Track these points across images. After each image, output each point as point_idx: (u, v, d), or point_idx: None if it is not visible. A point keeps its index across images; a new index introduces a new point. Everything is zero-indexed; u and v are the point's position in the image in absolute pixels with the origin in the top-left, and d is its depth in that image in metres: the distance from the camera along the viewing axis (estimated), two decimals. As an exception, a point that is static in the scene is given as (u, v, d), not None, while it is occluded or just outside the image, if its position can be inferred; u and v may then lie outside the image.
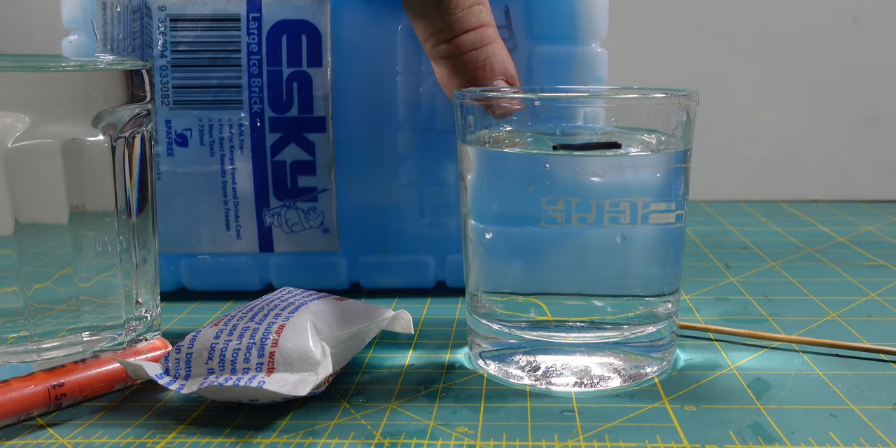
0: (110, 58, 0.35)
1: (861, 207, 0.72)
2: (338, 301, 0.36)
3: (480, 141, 0.35)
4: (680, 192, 0.34)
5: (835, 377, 0.35)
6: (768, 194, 0.78)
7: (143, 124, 0.37)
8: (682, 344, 0.39)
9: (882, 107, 0.78)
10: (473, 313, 0.36)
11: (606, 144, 0.33)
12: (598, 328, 0.34)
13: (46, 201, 0.34)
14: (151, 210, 0.38)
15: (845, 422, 0.31)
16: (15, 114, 0.33)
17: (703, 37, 0.77)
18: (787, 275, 0.51)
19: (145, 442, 0.30)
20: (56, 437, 0.30)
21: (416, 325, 0.41)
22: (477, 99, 0.35)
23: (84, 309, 0.35)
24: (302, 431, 0.31)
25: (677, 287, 0.36)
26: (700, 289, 0.48)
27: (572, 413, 0.32)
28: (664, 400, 0.33)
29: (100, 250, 0.35)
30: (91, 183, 0.35)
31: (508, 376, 0.35)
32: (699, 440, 0.30)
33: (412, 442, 0.30)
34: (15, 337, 0.34)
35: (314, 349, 0.32)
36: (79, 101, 0.34)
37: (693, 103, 0.34)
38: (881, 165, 0.78)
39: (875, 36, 0.76)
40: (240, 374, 0.31)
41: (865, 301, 0.46)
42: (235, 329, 0.33)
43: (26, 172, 0.33)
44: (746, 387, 0.34)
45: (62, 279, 0.35)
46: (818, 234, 0.62)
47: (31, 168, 0.33)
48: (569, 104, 0.35)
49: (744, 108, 0.78)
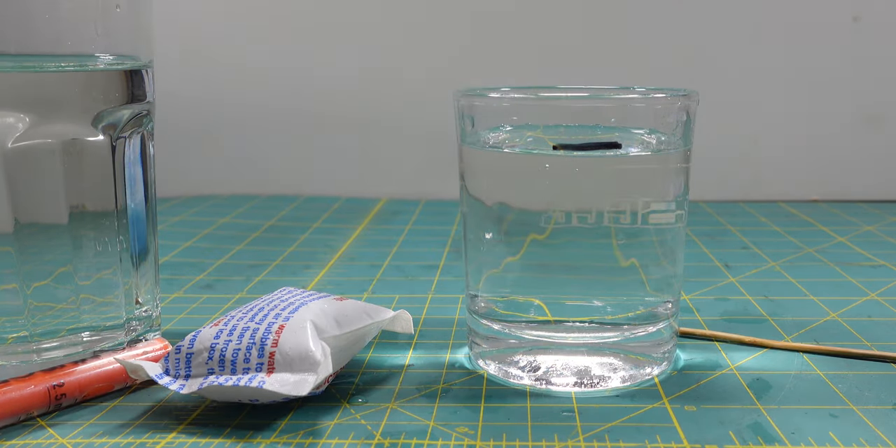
0: (110, 58, 0.35)
1: (861, 207, 0.72)
2: (338, 301, 0.36)
3: (480, 142, 0.35)
4: (680, 192, 0.34)
5: (835, 377, 0.35)
6: (768, 194, 0.78)
7: (143, 124, 0.37)
8: (682, 344, 0.39)
9: (882, 107, 0.78)
10: (473, 313, 0.36)
11: (606, 144, 0.33)
12: (598, 328, 0.34)
13: (46, 201, 0.34)
14: (151, 210, 0.38)
15: (845, 422, 0.31)
16: (15, 114, 0.33)
17: (703, 37, 0.77)
18: (787, 275, 0.51)
19: (145, 442, 0.30)
20: (56, 437, 0.30)
21: (416, 325, 0.41)
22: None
23: (84, 308, 0.35)
24: (302, 431, 0.31)
25: (677, 287, 0.36)
26: (700, 289, 0.48)
27: (572, 413, 0.32)
28: (664, 400, 0.33)
29: (99, 250, 0.35)
30: (91, 183, 0.35)
31: (508, 376, 0.35)
32: (699, 440, 0.30)
33: (412, 442, 0.30)
34: (15, 337, 0.34)
35: (314, 349, 0.32)
36: (79, 101, 0.34)
37: (693, 103, 0.34)
38: (881, 165, 0.78)
39: (875, 36, 0.76)
40: (240, 374, 0.31)
41: (865, 301, 0.46)
42: (235, 329, 0.33)
43: (26, 172, 0.33)
44: (746, 387, 0.34)
45: (62, 277, 0.35)
46: (818, 234, 0.62)
47: (31, 168, 0.33)
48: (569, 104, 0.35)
49: (744, 108, 0.78)
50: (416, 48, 0.79)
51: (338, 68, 0.80)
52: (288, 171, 0.81)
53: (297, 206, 0.74)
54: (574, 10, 0.77)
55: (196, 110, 0.80)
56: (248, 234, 0.63)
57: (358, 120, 0.81)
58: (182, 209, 0.71)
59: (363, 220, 0.68)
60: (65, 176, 0.34)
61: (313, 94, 0.80)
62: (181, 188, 0.79)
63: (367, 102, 0.80)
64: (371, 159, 0.81)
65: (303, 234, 0.63)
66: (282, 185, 0.80)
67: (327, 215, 0.70)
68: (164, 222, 0.65)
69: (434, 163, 0.74)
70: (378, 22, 0.79)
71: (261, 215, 0.70)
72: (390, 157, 0.81)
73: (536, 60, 0.78)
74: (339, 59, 0.79)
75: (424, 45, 0.79)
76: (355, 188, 0.80)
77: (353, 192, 0.80)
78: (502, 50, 0.78)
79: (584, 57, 0.78)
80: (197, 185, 0.80)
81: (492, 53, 0.78)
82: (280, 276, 0.52)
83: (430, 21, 0.79)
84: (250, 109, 0.81)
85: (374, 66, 0.79)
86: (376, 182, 0.80)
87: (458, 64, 0.79)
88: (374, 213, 0.71)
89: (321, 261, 0.55)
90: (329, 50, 0.79)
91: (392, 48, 0.79)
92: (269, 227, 0.66)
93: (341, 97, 0.80)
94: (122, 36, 0.35)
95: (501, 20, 0.78)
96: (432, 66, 0.79)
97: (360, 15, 0.79)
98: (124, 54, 0.35)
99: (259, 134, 0.82)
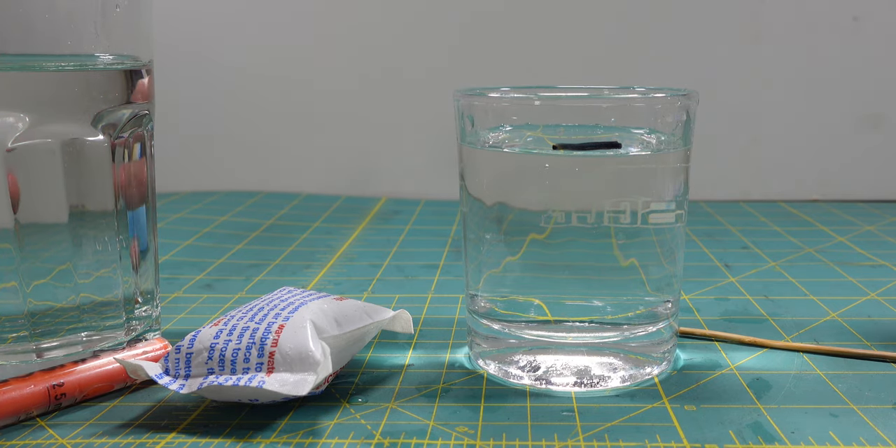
0: (110, 58, 0.35)
1: (861, 207, 0.72)
2: (338, 301, 0.36)
3: (480, 141, 0.35)
4: (680, 192, 0.34)
5: (835, 377, 0.35)
6: (768, 194, 0.78)
7: (143, 124, 0.37)
8: (682, 344, 0.39)
9: (882, 107, 0.78)
10: (473, 313, 0.36)
11: (606, 144, 0.33)
12: (598, 328, 0.34)
13: (46, 201, 0.34)
14: (151, 210, 0.38)
15: (845, 421, 0.31)
16: (15, 114, 0.33)
17: (703, 37, 0.77)
18: (787, 275, 0.51)
19: (145, 442, 0.30)
20: (56, 437, 0.30)
21: (416, 325, 0.41)
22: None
23: (84, 307, 0.35)
24: (302, 431, 0.31)
25: (677, 287, 0.36)
26: (700, 289, 0.48)
27: (572, 413, 0.32)
28: (664, 400, 0.33)
29: (99, 249, 0.35)
30: (91, 183, 0.35)
31: (508, 376, 0.35)
32: (699, 440, 0.30)
33: (412, 442, 0.30)
34: (15, 337, 0.34)
35: (314, 349, 0.32)
36: (79, 101, 0.34)
37: (693, 103, 0.34)
38: (881, 165, 0.78)
39: (875, 36, 0.76)
40: (240, 374, 0.31)
41: (865, 301, 0.46)
42: (235, 329, 0.33)
43: (26, 172, 0.33)
44: (746, 387, 0.34)
45: (61, 276, 0.35)
46: (818, 233, 0.62)
47: (31, 168, 0.33)
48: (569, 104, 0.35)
49: (744, 108, 0.78)
50: (416, 48, 0.79)
51: (338, 67, 0.80)
52: (288, 170, 0.81)
53: (296, 204, 0.74)
54: (574, 10, 0.77)
55: (196, 110, 0.80)
56: (248, 233, 0.63)
57: (358, 120, 0.81)
58: (182, 206, 0.71)
59: (363, 219, 0.68)
60: (65, 176, 0.34)
61: (314, 93, 0.80)
62: (181, 186, 0.79)
63: (367, 102, 0.80)
64: (371, 159, 0.81)
65: (303, 234, 0.63)
66: (282, 184, 0.80)
67: (327, 215, 0.70)
68: (163, 219, 0.65)
69: (434, 163, 0.74)
70: (378, 22, 0.79)
71: (261, 214, 0.70)
72: (390, 157, 0.81)
73: (537, 60, 0.78)
74: (340, 58, 0.79)
75: (424, 45, 0.79)
76: (355, 188, 0.80)
77: (353, 191, 0.80)
78: (502, 50, 0.78)
79: (584, 57, 0.78)
80: (197, 183, 0.80)
81: (492, 53, 0.78)
82: (280, 275, 0.52)
83: (430, 21, 0.79)
84: (250, 109, 0.81)
85: (374, 65, 0.79)
86: (376, 182, 0.81)
87: (458, 64, 0.79)
88: (374, 213, 0.71)
89: (321, 260, 0.55)
90: (329, 49, 0.79)
91: (392, 48, 0.79)
92: (269, 227, 0.66)
93: (341, 96, 0.80)
94: (121, 36, 0.35)
95: (501, 20, 0.78)
96: (432, 66, 0.79)
97: (361, 15, 0.79)
98: (124, 54, 0.35)
99: (259, 133, 0.82)
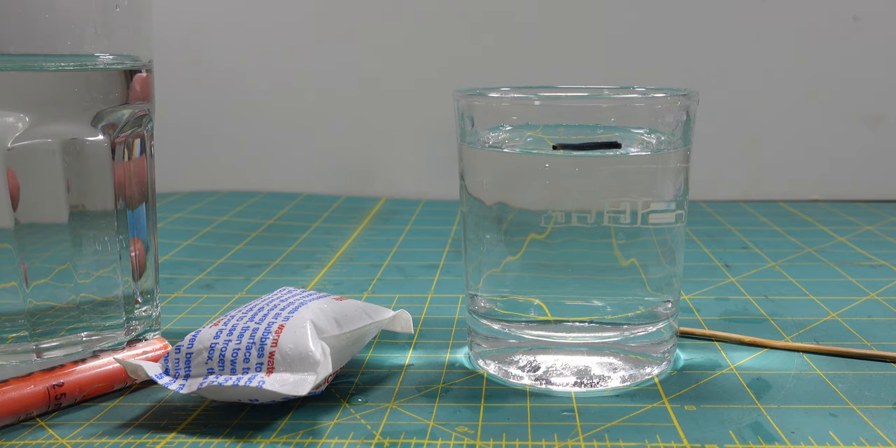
0: (110, 58, 0.35)
1: (861, 207, 0.72)
2: (338, 301, 0.36)
3: (480, 141, 0.35)
4: (680, 192, 0.34)
5: (835, 377, 0.35)
6: (768, 194, 0.78)
7: (143, 124, 0.37)
8: (682, 344, 0.39)
9: (882, 107, 0.78)
10: (473, 313, 0.36)
11: (606, 144, 0.33)
12: (598, 328, 0.34)
13: (46, 201, 0.34)
14: (151, 209, 0.38)
15: (845, 421, 0.31)
16: (15, 113, 0.33)
17: (703, 37, 0.77)
18: (787, 275, 0.51)
19: (145, 442, 0.30)
20: (56, 437, 0.30)
21: (416, 325, 0.41)
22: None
23: (84, 307, 0.35)
24: (302, 431, 0.31)
25: (677, 287, 0.36)
26: (700, 289, 0.48)
27: (572, 413, 0.32)
28: (664, 400, 0.33)
29: (99, 249, 0.35)
30: (91, 182, 0.35)
31: (508, 376, 0.35)
32: (699, 440, 0.30)
33: (412, 442, 0.30)
34: (15, 337, 0.34)
35: (314, 349, 0.32)
36: (79, 101, 0.34)
37: (693, 103, 0.34)
38: (881, 165, 0.78)
39: (875, 36, 0.76)
40: (239, 374, 0.31)
41: (865, 301, 0.46)
42: (235, 329, 0.33)
43: (26, 172, 0.33)
44: (746, 386, 0.34)
45: (61, 275, 0.35)
46: (818, 233, 0.62)
47: (31, 168, 0.33)
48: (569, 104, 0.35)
49: (744, 108, 0.78)
50: (416, 48, 0.79)
51: (338, 67, 0.80)
52: (288, 170, 0.81)
53: (297, 204, 0.74)
54: (575, 10, 0.77)
55: (196, 110, 0.80)
56: (248, 233, 0.63)
57: (358, 120, 0.81)
58: (182, 206, 0.71)
59: (363, 219, 0.68)
60: (65, 176, 0.34)
61: (313, 93, 0.80)
62: (181, 186, 0.79)
63: (367, 102, 0.80)
64: (371, 159, 0.81)
65: (303, 234, 0.63)
66: (282, 184, 0.80)
67: (327, 214, 0.70)
68: (163, 219, 0.65)
69: (434, 163, 0.74)
70: (378, 22, 0.79)
71: (261, 214, 0.70)
72: (390, 157, 0.81)
73: (537, 60, 0.78)
74: (340, 58, 0.79)
75: (424, 45, 0.79)
76: (355, 188, 0.80)
77: (353, 191, 0.80)
78: (502, 50, 0.78)
79: (584, 57, 0.78)
80: (197, 183, 0.80)
81: (492, 54, 0.78)
82: (280, 275, 0.52)
83: (430, 21, 0.79)
84: (250, 109, 0.81)
85: (374, 65, 0.79)
86: (376, 182, 0.81)
87: (458, 64, 0.79)
88: (374, 213, 0.71)
89: (321, 260, 0.55)
90: (329, 49, 0.79)
91: (392, 48, 0.79)
92: (268, 226, 0.66)
93: (341, 96, 0.80)
94: (121, 36, 0.35)
95: (501, 20, 0.78)
96: (432, 66, 0.79)
97: (361, 15, 0.79)
98: (124, 54, 0.36)
99: (259, 133, 0.82)
